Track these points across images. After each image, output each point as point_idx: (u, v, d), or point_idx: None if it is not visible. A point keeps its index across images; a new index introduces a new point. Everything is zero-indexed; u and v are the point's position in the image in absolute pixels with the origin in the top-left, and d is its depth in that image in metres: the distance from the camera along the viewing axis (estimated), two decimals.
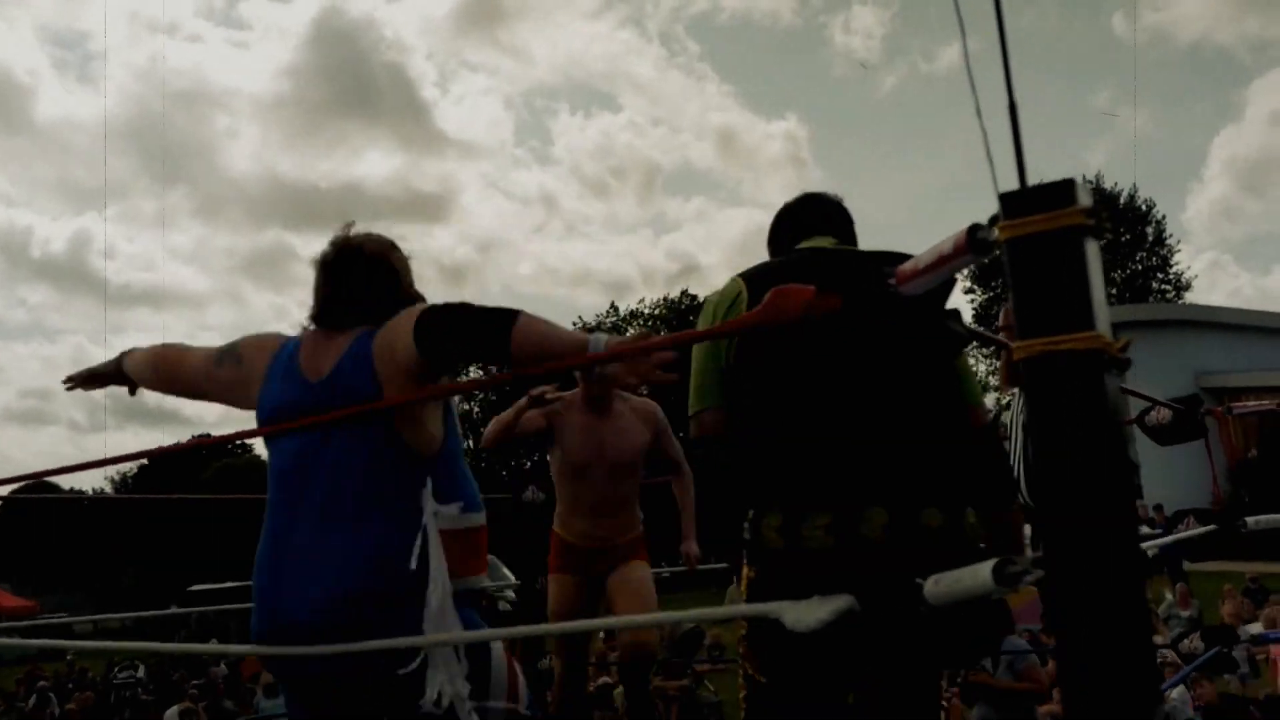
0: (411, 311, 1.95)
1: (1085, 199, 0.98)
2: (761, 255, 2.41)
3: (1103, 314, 0.98)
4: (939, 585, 0.97)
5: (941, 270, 1.11)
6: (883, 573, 1.74)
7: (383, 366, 1.95)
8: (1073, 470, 0.97)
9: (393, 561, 1.90)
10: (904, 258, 1.89)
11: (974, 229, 1.10)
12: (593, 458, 3.89)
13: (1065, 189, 0.98)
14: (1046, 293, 0.99)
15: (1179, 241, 43.61)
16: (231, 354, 2.19)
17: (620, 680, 5.90)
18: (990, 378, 41.33)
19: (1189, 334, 19.43)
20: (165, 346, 2.33)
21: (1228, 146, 58.69)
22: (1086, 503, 0.96)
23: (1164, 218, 36.64)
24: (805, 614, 0.97)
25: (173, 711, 9.75)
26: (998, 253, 1.08)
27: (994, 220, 1.06)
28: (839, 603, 0.98)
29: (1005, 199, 1.02)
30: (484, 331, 1.80)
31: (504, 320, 1.79)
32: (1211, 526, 3.11)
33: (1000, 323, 4.38)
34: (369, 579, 1.88)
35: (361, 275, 2.07)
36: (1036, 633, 10.18)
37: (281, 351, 2.12)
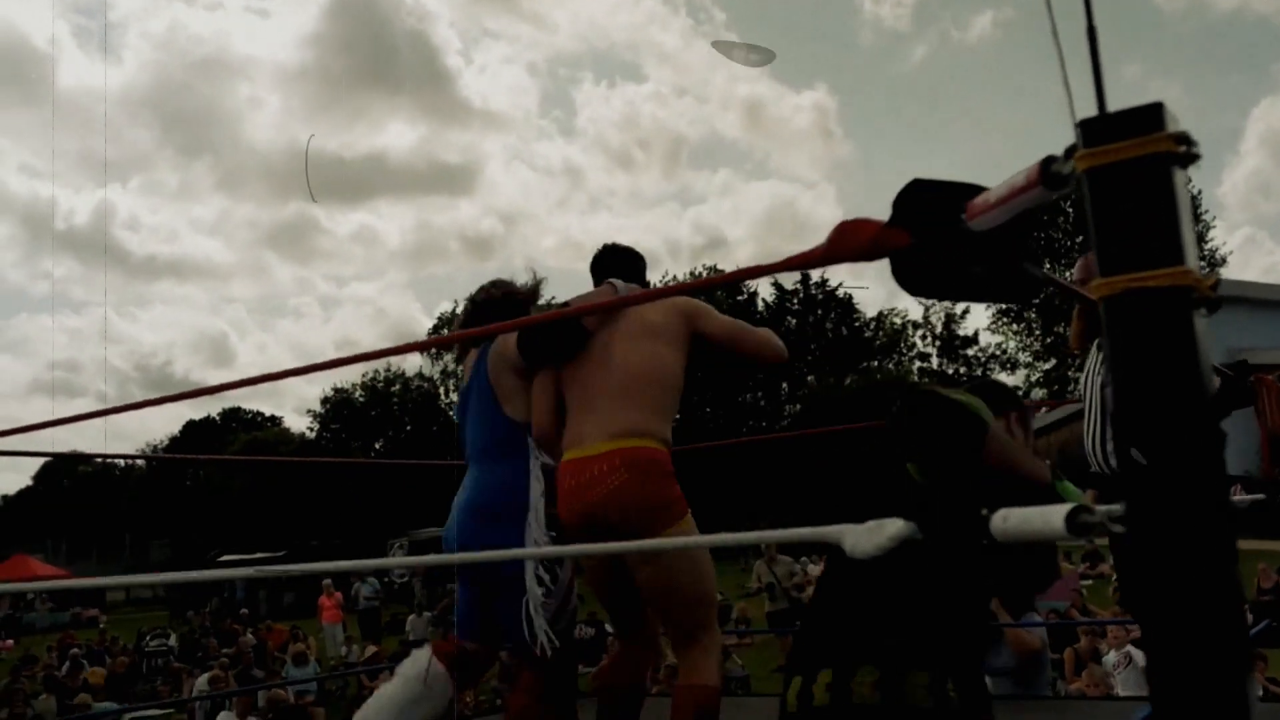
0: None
1: (1174, 124, 0.91)
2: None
3: (1192, 249, 0.91)
4: (1007, 522, 0.91)
5: (1011, 204, 1.04)
6: None
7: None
8: (1159, 416, 0.90)
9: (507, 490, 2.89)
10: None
11: (1048, 160, 1.03)
12: None
13: (1153, 113, 0.91)
14: (1131, 226, 0.92)
15: (1214, 218, 42.94)
16: None
17: None
18: (1020, 354, 40.97)
19: (1222, 310, 18.99)
20: None
21: (1265, 120, 57.66)
22: (1173, 451, 0.89)
23: (1200, 193, 36.11)
24: (864, 539, 0.92)
25: (203, 679, 9.87)
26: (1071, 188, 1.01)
27: (1070, 152, 0.98)
28: (898, 528, 0.93)
29: (1085, 126, 0.95)
30: None
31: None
32: (1260, 495, 3.02)
33: (1076, 275, 4.05)
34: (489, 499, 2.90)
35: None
36: (1064, 610, 10.09)
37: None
